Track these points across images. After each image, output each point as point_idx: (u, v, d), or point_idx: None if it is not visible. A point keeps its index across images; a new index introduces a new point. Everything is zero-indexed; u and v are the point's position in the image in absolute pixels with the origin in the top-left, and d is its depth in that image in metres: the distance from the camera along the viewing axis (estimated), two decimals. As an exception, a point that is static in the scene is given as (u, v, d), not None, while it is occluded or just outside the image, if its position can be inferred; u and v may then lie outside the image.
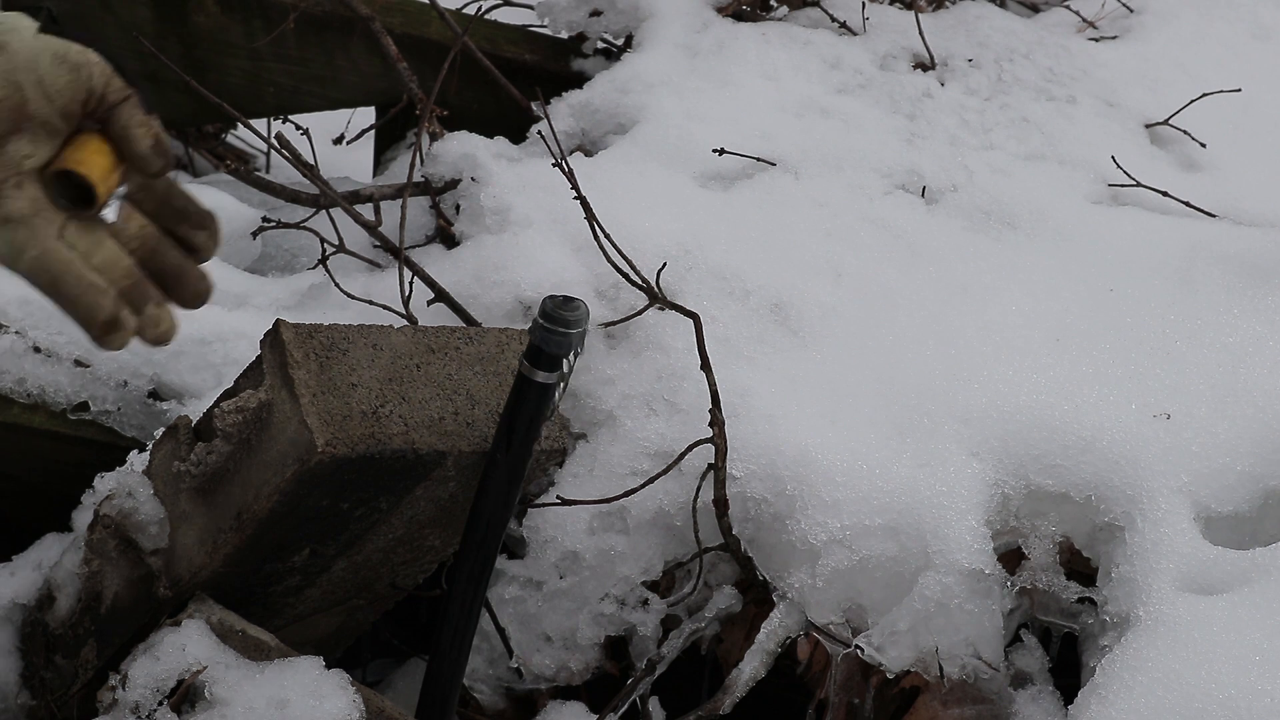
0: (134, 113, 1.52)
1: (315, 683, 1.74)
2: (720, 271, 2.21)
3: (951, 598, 1.91)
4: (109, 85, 1.52)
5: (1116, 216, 2.40)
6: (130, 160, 1.54)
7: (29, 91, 1.49)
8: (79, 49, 1.50)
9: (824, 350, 2.15)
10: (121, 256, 1.56)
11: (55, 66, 1.50)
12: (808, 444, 2.01)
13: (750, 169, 2.41)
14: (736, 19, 2.70)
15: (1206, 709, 1.74)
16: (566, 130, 2.52)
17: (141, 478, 1.85)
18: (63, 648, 1.94)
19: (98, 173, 1.52)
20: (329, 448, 1.66)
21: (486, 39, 2.72)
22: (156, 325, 1.56)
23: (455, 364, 1.80)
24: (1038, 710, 1.92)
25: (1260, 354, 2.12)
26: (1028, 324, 2.19)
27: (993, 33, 2.71)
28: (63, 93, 1.50)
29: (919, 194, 2.42)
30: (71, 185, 1.53)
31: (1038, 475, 2.00)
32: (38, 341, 2.19)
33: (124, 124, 1.52)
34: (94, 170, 1.51)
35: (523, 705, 2.09)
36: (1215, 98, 2.59)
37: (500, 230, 2.27)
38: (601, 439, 2.09)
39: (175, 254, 1.59)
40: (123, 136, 1.52)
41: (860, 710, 1.98)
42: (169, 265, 1.58)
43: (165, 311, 1.57)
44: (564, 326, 1.67)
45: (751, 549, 2.02)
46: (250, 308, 2.28)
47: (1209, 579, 1.90)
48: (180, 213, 1.59)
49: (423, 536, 1.89)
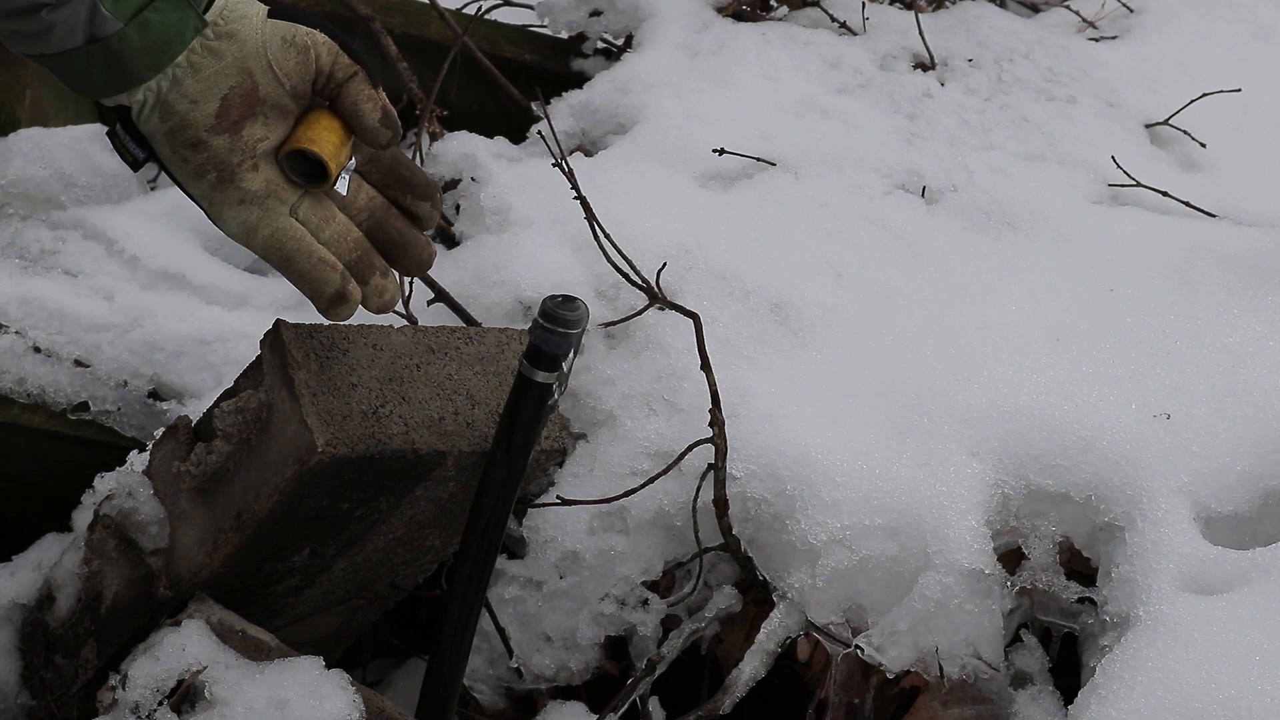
0: (361, 88, 1.59)
1: (315, 683, 1.74)
2: (720, 271, 2.21)
3: (951, 598, 1.91)
4: (336, 63, 1.58)
5: (1116, 216, 2.40)
6: (359, 133, 1.61)
7: (259, 77, 1.56)
8: (305, 30, 1.57)
9: (824, 350, 2.15)
10: (350, 229, 1.64)
11: (284, 50, 1.56)
12: (808, 444, 2.01)
13: (750, 169, 2.41)
14: (736, 19, 2.70)
15: (1206, 709, 1.74)
16: (566, 130, 2.52)
17: (141, 478, 1.85)
18: (63, 648, 1.94)
19: (329, 149, 1.59)
20: (329, 448, 1.66)
21: (486, 39, 2.72)
22: (381, 295, 1.66)
23: (455, 364, 1.80)
24: (1038, 710, 1.92)
25: (1260, 354, 2.12)
26: (1028, 324, 2.19)
27: (993, 33, 2.71)
28: (292, 74, 1.57)
29: (919, 194, 2.42)
30: (305, 162, 1.60)
31: (1038, 475, 2.00)
32: (38, 341, 2.19)
33: (352, 99, 1.59)
34: (325, 147, 1.58)
35: (523, 705, 2.09)
36: (1215, 98, 2.59)
37: (500, 230, 2.27)
38: (601, 439, 2.09)
39: (401, 223, 1.67)
40: (352, 111, 1.59)
41: (860, 710, 1.98)
42: (395, 235, 1.67)
43: (390, 280, 1.66)
44: (564, 326, 1.67)
45: (751, 549, 2.02)
46: (250, 308, 2.28)
47: (1209, 579, 1.90)
48: (406, 182, 1.68)
49: (423, 536, 1.89)
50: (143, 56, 1.51)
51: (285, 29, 1.57)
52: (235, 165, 1.57)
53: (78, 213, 2.35)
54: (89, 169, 2.38)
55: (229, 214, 1.58)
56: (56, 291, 2.24)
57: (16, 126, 2.43)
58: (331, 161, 1.58)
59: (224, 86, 1.54)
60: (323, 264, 1.60)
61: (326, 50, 1.58)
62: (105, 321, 2.22)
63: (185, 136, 1.55)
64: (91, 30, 1.49)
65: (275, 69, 1.56)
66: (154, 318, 2.23)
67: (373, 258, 1.65)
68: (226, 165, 1.56)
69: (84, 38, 1.50)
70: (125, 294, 2.26)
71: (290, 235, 1.59)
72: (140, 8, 1.50)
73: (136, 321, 2.22)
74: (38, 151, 2.36)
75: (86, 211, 2.35)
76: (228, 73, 1.54)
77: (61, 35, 1.49)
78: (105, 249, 2.32)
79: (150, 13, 1.51)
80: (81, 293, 2.26)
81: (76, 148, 2.38)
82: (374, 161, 1.66)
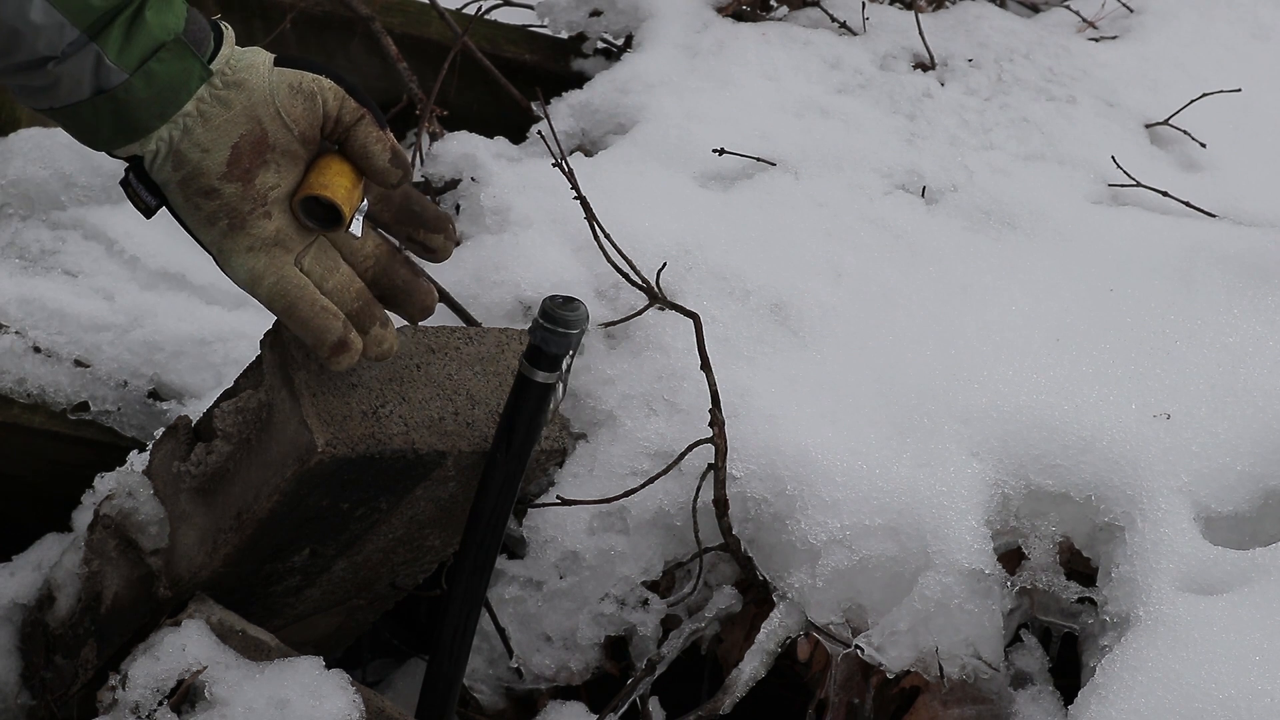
0: (370, 130, 1.62)
1: (315, 683, 1.74)
2: (720, 271, 2.21)
3: (951, 598, 1.91)
4: (343, 107, 1.62)
5: (1116, 216, 2.40)
6: (370, 175, 1.64)
7: (268, 124, 1.59)
8: (311, 77, 1.60)
9: (824, 350, 2.15)
10: (353, 280, 1.68)
11: (291, 97, 1.59)
12: (808, 444, 2.01)
13: (750, 169, 2.41)
14: (736, 19, 2.70)
15: (1206, 709, 1.74)
16: (566, 130, 2.52)
17: (141, 478, 1.85)
18: (63, 648, 1.94)
19: (341, 193, 1.62)
20: (329, 448, 1.66)
21: (486, 39, 2.72)
22: (380, 344, 1.69)
23: (455, 364, 1.80)
24: (1038, 710, 1.92)
25: (1260, 354, 2.12)
26: (1028, 324, 2.19)
27: (993, 33, 2.71)
28: (300, 120, 1.60)
29: (919, 194, 2.42)
30: (319, 207, 1.62)
31: (1038, 475, 2.00)
32: (38, 341, 2.19)
33: (361, 142, 1.62)
34: (338, 191, 1.61)
35: (523, 705, 2.09)
36: (1215, 98, 2.59)
37: (500, 230, 2.27)
38: (601, 439, 2.09)
39: (406, 271, 1.71)
40: (361, 154, 1.62)
41: (860, 710, 1.98)
42: (400, 282, 1.70)
43: (389, 331, 1.70)
44: (564, 326, 1.67)
45: (751, 549, 2.02)
46: (250, 308, 2.28)
47: (1209, 579, 1.90)
48: (418, 217, 1.71)
49: (423, 536, 1.89)
50: (149, 107, 1.54)
51: (292, 76, 1.59)
52: (247, 213, 1.59)
53: (78, 213, 2.35)
54: (89, 169, 2.38)
55: (237, 261, 1.61)
56: (56, 291, 2.24)
57: (16, 126, 2.43)
58: (345, 205, 1.61)
59: (234, 135, 1.57)
60: (325, 312, 1.63)
61: (333, 95, 1.60)
62: (105, 321, 2.22)
63: (198, 184, 1.58)
64: (98, 82, 1.52)
65: (283, 116, 1.58)
66: (154, 318, 2.23)
67: (374, 308, 1.68)
68: (238, 213, 1.59)
69: (90, 90, 1.52)
70: (125, 294, 2.26)
71: (294, 284, 1.62)
72: (145, 58, 1.52)
73: (136, 321, 2.22)
74: (38, 151, 2.37)
75: (86, 211, 2.35)
76: (237, 121, 1.57)
77: (68, 88, 1.52)
78: (105, 249, 2.32)
79: (155, 63, 1.53)
80: (81, 293, 2.26)
81: (76, 148, 2.37)
82: (385, 200, 1.69)
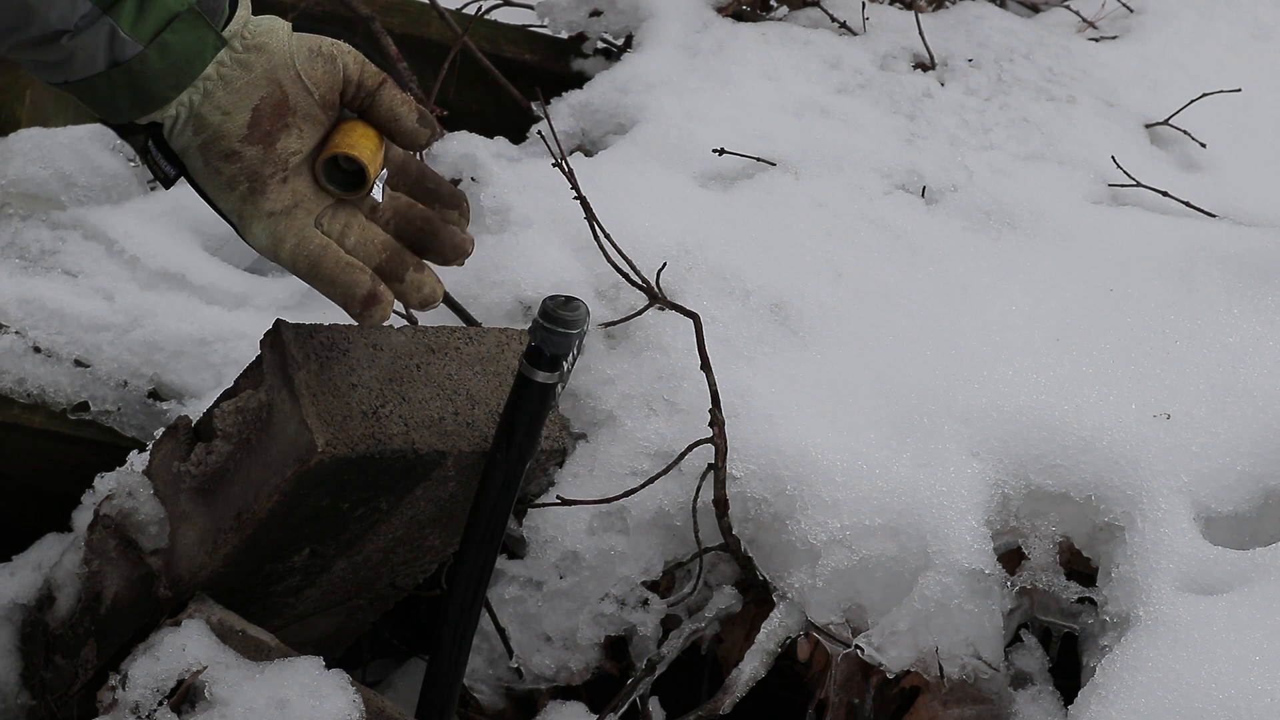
0: (394, 93, 1.62)
1: (315, 683, 1.74)
2: (720, 271, 2.21)
3: (951, 598, 1.92)
4: (364, 71, 1.61)
5: (1116, 216, 2.40)
6: (399, 136, 1.63)
7: (289, 86, 1.58)
8: (330, 42, 1.60)
9: (824, 350, 2.15)
10: (376, 232, 1.66)
11: (311, 60, 1.59)
12: (808, 444, 2.01)
13: (750, 169, 2.41)
14: (736, 19, 2.70)
15: (1206, 709, 1.74)
16: (566, 130, 2.52)
17: (141, 478, 1.85)
18: (63, 648, 1.94)
19: (367, 154, 1.61)
20: (329, 448, 1.66)
21: (486, 39, 2.72)
22: (419, 289, 1.67)
23: (455, 364, 1.80)
24: (1038, 710, 1.92)
25: (1260, 354, 2.12)
26: (1028, 324, 2.19)
27: (993, 33, 2.71)
28: (320, 84, 1.60)
29: (919, 194, 2.42)
30: (340, 170, 1.62)
31: (1038, 475, 2.00)
32: (38, 341, 2.19)
33: (388, 105, 1.61)
34: (364, 152, 1.61)
35: (523, 705, 2.09)
36: (1215, 98, 2.59)
37: (500, 230, 2.27)
38: (601, 439, 2.09)
39: (428, 214, 1.68)
40: (389, 116, 1.62)
41: (860, 710, 1.98)
42: (424, 226, 1.68)
43: (427, 275, 1.67)
44: (564, 327, 1.67)
45: (751, 549, 2.02)
46: (250, 308, 2.28)
47: (1209, 579, 1.90)
48: (433, 193, 1.70)
49: (423, 536, 1.89)
50: (164, 78, 1.54)
51: (312, 40, 1.60)
52: (267, 177, 1.59)
53: (78, 213, 2.35)
54: (89, 169, 2.38)
55: (258, 227, 1.60)
56: (56, 291, 2.24)
57: (16, 126, 2.43)
58: (370, 166, 1.61)
59: (254, 97, 1.56)
60: (351, 268, 1.62)
61: (353, 59, 1.61)
62: (105, 321, 2.22)
63: (219, 148, 1.57)
64: (112, 55, 1.52)
65: (304, 78, 1.58)
66: (154, 318, 2.23)
67: (404, 255, 1.66)
68: (259, 176, 1.58)
69: (105, 63, 1.52)
70: (125, 294, 2.26)
71: (316, 244, 1.61)
72: (159, 29, 1.52)
73: (136, 321, 2.22)
74: (38, 151, 2.36)
75: (86, 211, 2.35)
76: (258, 84, 1.57)
77: (83, 62, 1.52)
78: (105, 249, 2.32)
79: (169, 34, 1.53)
80: (81, 293, 2.25)
81: (76, 148, 2.38)
82: (401, 174, 1.69)
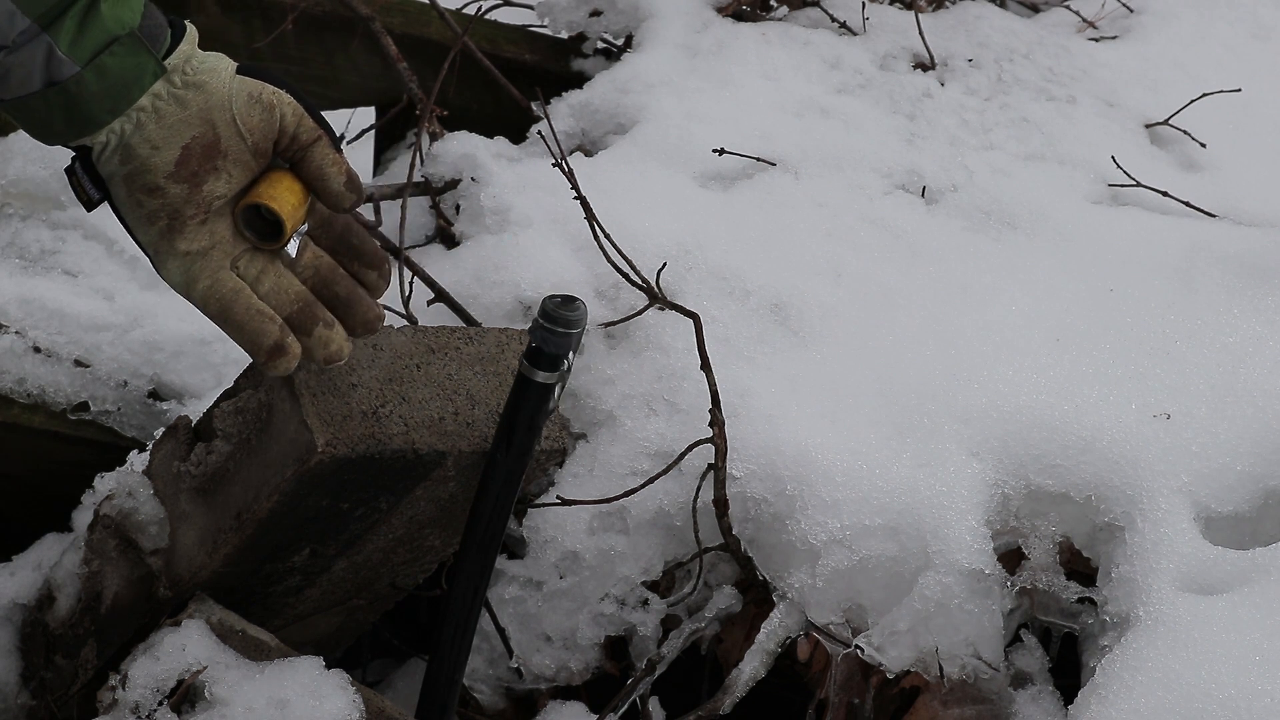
0: (326, 152, 1.59)
1: (315, 683, 1.74)
2: (720, 271, 2.21)
3: (951, 598, 1.92)
4: (300, 125, 1.59)
5: (1116, 216, 2.40)
6: (323, 197, 1.61)
7: (222, 130, 1.56)
8: (271, 90, 1.57)
9: (824, 350, 2.15)
10: (292, 281, 1.63)
11: (249, 106, 1.57)
12: (808, 444, 2.01)
13: (750, 169, 2.41)
14: (736, 19, 2.70)
15: (1206, 709, 1.74)
16: (566, 130, 2.52)
17: (141, 478, 1.85)
18: (63, 648, 1.94)
19: (287, 209, 1.59)
20: (329, 448, 1.66)
21: (486, 39, 2.72)
22: (326, 346, 1.64)
23: (455, 364, 1.80)
24: (1038, 710, 1.92)
25: (1260, 354, 2.12)
26: (1028, 324, 2.19)
27: (993, 33, 2.71)
28: (255, 131, 1.57)
29: (919, 194, 2.42)
30: (259, 218, 1.60)
31: (1038, 475, 2.00)
32: (38, 341, 2.19)
33: (317, 163, 1.59)
34: (284, 206, 1.59)
35: (523, 705, 2.09)
36: (1215, 98, 2.59)
37: (500, 230, 2.27)
38: (601, 439, 2.09)
39: (346, 282, 1.66)
40: (317, 175, 1.60)
41: (860, 710, 1.98)
42: (340, 293, 1.65)
43: (335, 332, 1.64)
44: (564, 326, 1.67)
45: (751, 549, 2.02)
46: (250, 308, 2.28)
47: (1209, 579, 1.90)
48: (355, 250, 1.68)
49: (423, 536, 1.89)
50: (100, 100, 1.51)
51: (253, 86, 1.57)
52: (188, 217, 1.56)
53: (78, 213, 2.35)
54: (89, 169, 2.37)
55: (173, 264, 1.58)
56: (56, 291, 2.24)
57: (16, 127, 2.43)
58: (288, 221, 1.58)
59: (186, 136, 1.54)
60: (260, 315, 1.59)
61: (292, 111, 1.58)
62: (105, 321, 2.22)
63: (144, 181, 1.55)
64: (49, 74, 1.49)
65: (239, 124, 1.56)
66: (154, 318, 2.23)
67: (316, 309, 1.63)
68: (179, 215, 1.56)
69: (41, 82, 1.49)
70: (125, 294, 2.26)
71: (228, 287, 1.59)
72: (98, 51, 1.50)
73: (136, 321, 2.22)
74: (38, 151, 2.36)
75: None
76: (191, 122, 1.54)
77: (19, 79, 1.49)
78: (105, 249, 2.32)
79: (107, 57, 1.50)
80: (81, 293, 2.25)
81: (76, 148, 2.37)
82: (325, 227, 1.65)
